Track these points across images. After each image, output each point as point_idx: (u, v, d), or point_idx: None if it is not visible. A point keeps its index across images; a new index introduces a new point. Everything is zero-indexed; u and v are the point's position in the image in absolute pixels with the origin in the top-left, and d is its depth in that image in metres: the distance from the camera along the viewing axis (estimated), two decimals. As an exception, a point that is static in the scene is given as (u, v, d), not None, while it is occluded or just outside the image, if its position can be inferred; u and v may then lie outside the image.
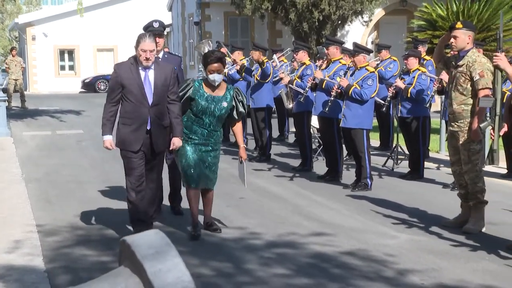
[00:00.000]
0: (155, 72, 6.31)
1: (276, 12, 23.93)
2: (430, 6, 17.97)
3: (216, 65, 6.55)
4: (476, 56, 6.87)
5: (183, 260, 1.86)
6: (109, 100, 6.35)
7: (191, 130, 6.60)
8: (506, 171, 10.10)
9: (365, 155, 9.14)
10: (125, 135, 6.32)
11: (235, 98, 6.70)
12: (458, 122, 6.96)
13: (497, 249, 6.25)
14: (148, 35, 6.32)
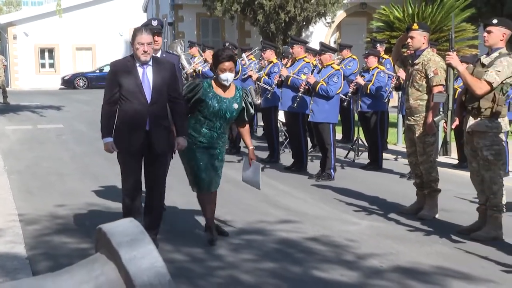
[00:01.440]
0: (154, 69, 5.53)
1: (245, 13, 23.92)
2: (387, 8, 18.09)
3: (228, 64, 5.82)
4: (431, 55, 6.93)
5: (156, 247, 1.84)
6: (107, 100, 5.56)
7: (200, 133, 5.88)
8: (457, 161, 10.23)
9: (331, 147, 9.18)
10: (122, 137, 5.56)
11: (244, 99, 6.01)
12: (414, 116, 7.02)
13: (449, 234, 6.32)
14: (144, 29, 5.64)
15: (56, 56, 38.48)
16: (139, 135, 5.50)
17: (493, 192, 6.15)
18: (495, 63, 6.01)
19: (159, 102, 5.53)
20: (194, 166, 5.90)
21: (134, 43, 5.49)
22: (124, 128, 5.53)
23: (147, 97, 5.47)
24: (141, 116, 5.47)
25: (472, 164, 6.32)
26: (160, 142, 5.57)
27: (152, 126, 5.51)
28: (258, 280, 4.97)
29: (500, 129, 6.11)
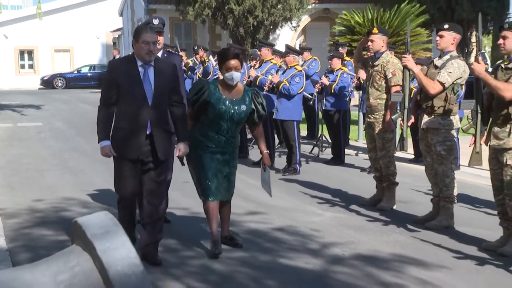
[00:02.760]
0: (155, 70, 4.89)
1: (216, 18, 23.87)
2: (349, 14, 18.19)
3: (234, 62, 5.20)
4: (389, 57, 6.99)
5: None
6: (104, 102, 4.89)
7: (207, 138, 5.25)
8: (413, 156, 10.34)
9: (296, 144, 9.21)
10: (120, 141, 4.86)
11: (254, 100, 5.37)
12: (374, 114, 7.07)
13: (406, 223, 6.39)
14: (149, 27, 5.06)
15: (35, 57, 37.92)
16: (140, 139, 4.84)
17: (445, 185, 6.23)
18: (446, 65, 6.08)
19: (161, 105, 4.90)
20: (201, 171, 5.29)
21: (138, 42, 4.81)
22: (123, 131, 4.86)
23: (149, 99, 4.82)
24: (142, 119, 4.81)
25: (427, 158, 6.40)
26: (162, 147, 4.91)
27: (154, 130, 4.86)
28: (229, 268, 4.97)
29: (452, 126, 6.19)
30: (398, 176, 7.21)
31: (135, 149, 4.84)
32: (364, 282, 4.73)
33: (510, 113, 5.31)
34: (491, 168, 5.60)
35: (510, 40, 5.30)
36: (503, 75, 5.36)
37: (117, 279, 1.68)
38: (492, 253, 5.41)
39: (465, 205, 7.17)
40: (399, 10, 17.80)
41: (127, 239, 1.76)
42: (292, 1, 23.43)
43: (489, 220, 6.40)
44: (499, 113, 5.40)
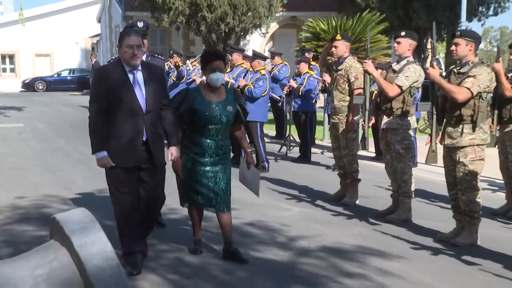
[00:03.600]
0: (144, 74, 4.52)
1: (190, 24, 23.76)
2: (314, 21, 18.29)
3: (218, 63, 4.82)
4: (352, 62, 7.03)
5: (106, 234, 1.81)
6: (96, 111, 4.44)
7: (196, 144, 4.86)
8: (374, 154, 10.43)
9: (259, 143, 9.19)
10: (117, 150, 4.45)
11: (237, 100, 5.00)
12: (338, 115, 7.12)
13: (368, 217, 6.44)
14: (133, 31, 4.67)
15: (17, 61, 37.30)
16: (137, 146, 4.49)
17: (404, 181, 6.29)
18: (404, 70, 6.15)
19: (154, 110, 4.56)
20: (188, 180, 4.90)
21: (122, 47, 4.46)
22: (119, 139, 4.46)
23: (142, 106, 4.47)
24: (138, 126, 4.47)
25: (386, 156, 6.46)
26: (159, 152, 4.62)
27: (150, 135, 4.53)
28: (202, 261, 4.95)
29: (409, 126, 6.25)
30: (361, 173, 7.26)
31: (133, 156, 4.48)
32: (329, 272, 4.76)
33: (462, 114, 5.39)
34: (445, 165, 5.68)
35: (461, 47, 5.38)
36: (455, 79, 5.44)
37: (94, 273, 1.67)
38: (446, 244, 5.49)
39: (422, 199, 7.26)
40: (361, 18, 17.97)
41: (103, 235, 1.75)
42: (261, 9, 23.46)
43: (443, 213, 6.49)
44: (452, 114, 5.47)
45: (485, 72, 5.34)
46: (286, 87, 10.86)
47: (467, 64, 5.41)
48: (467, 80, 5.31)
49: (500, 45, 7.37)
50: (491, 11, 24.72)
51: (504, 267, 4.91)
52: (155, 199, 4.77)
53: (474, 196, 5.45)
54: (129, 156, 4.47)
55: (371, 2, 22.51)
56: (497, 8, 24.61)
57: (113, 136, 4.47)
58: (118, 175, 4.52)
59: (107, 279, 1.65)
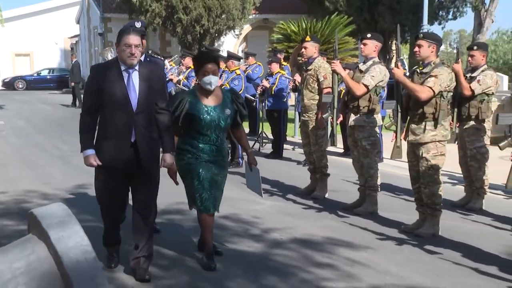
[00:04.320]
0: (140, 74, 4.21)
1: (166, 26, 23.63)
2: (285, 23, 18.31)
3: (211, 66, 4.47)
4: (321, 62, 7.05)
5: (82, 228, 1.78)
6: (87, 109, 4.20)
7: (198, 148, 4.53)
8: (342, 150, 10.49)
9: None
10: (105, 150, 4.18)
11: (235, 101, 4.66)
12: (308, 113, 7.13)
13: (336, 210, 6.47)
14: (131, 29, 4.39)
15: (-3, 61, 36.67)
16: (124, 147, 4.16)
17: (370, 175, 6.34)
18: (370, 70, 6.18)
19: (146, 111, 4.21)
20: (198, 183, 4.52)
21: (120, 45, 4.18)
22: (108, 139, 4.19)
23: (133, 105, 4.15)
24: (126, 126, 4.15)
25: (354, 152, 6.49)
26: (147, 155, 4.21)
27: (139, 137, 4.17)
28: (178, 253, 4.92)
29: (375, 123, 6.30)
30: (329, 168, 7.29)
31: (120, 158, 4.16)
32: (300, 263, 4.77)
33: (425, 112, 5.44)
34: (409, 160, 5.73)
35: (424, 48, 5.44)
36: (418, 79, 5.49)
37: (70, 266, 1.64)
38: (410, 235, 5.54)
39: (387, 193, 7.32)
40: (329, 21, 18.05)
41: (80, 228, 1.71)
42: (234, 11, 23.43)
43: (407, 206, 6.55)
44: (415, 112, 5.52)
45: (445, 72, 5.40)
46: (259, 87, 10.86)
47: (429, 64, 5.46)
48: (429, 79, 5.37)
49: (459, 47, 7.49)
50: (450, 15, 25.10)
51: (463, 255, 4.98)
52: (146, 208, 4.31)
53: (435, 189, 5.51)
54: (116, 156, 4.15)
55: (339, 5, 22.63)
56: (456, 12, 24.99)
57: (102, 135, 4.22)
58: (105, 177, 4.24)
59: (84, 272, 1.62)
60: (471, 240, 5.40)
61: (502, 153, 6.92)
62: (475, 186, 6.68)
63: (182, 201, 6.69)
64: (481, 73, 6.46)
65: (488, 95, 6.48)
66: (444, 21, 25.22)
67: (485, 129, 6.56)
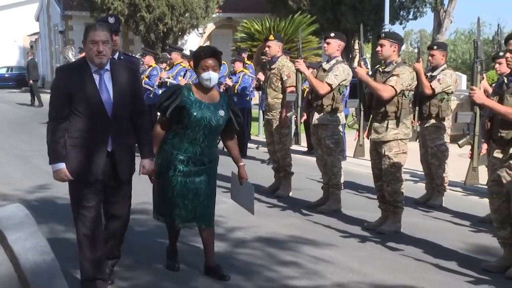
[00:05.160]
0: (113, 75, 3.79)
1: (129, 24, 23.39)
2: (249, 22, 18.32)
3: (211, 61, 4.18)
4: (285, 61, 7.07)
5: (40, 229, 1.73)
6: (54, 116, 3.75)
7: (180, 149, 4.17)
8: (306, 149, 10.55)
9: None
10: (77, 161, 3.75)
11: (231, 108, 4.34)
12: (272, 112, 7.14)
13: (300, 208, 6.50)
14: (98, 24, 3.86)
15: (-46, 58, 35.60)
16: (100, 158, 3.77)
17: (333, 173, 6.39)
18: (333, 69, 6.23)
19: (122, 116, 3.83)
20: (170, 192, 4.20)
21: (86, 43, 3.73)
22: (80, 149, 3.76)
23: (108, 111, 3.75)
24: (101, 134, 3.76)
25: (318, 151, 6.53)
26: (125, 166, 3.91)
27: (115, 146, 3.82)
28: (143, 253, 4.86)
29: (338, 122, 6.35)
30: (294, 166, 7.32)
31: (95, 170, 3.77)
32: (265, 261, 4.77)
33: (387, 111, 5.51)
34: (371, 158, 5.80)
35: (386, 48, 5.51)
36: (381, 78, 5.56)
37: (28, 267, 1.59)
38: (373, 232, 5.61)
39: (350, 191, 7.39)
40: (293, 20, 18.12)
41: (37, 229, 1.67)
42: (198, 10, 23.33)
43: (370, 204, 6.62)
44: (378, 110, 5.59)
45: (407, 71, 5.49)
46: (222, 85, 10.83)
47: (391, 63, 5.54)
48: (391, 78, 5.44)
49: (420, 46, 7.60)
50: (411, 15, 25.53)
51: (424, 251, 5.07)
52: (120, 219, 4.04)
53: (397, 187, 5.59)
54: (91, 168, 3.76)
55: (303, 4, 22.78)
56: (416, 12, 25.44)
57: (74, 146, 3.76)
58: (80, 190, 3.79)
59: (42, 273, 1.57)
60: (431, 236, 5.50)
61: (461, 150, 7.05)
62: (436, 183, 6.80)
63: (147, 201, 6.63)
64: (441, 72, 6.58)
65: (448, 94, 6.61)
66: (405, 21, 25.64)
67: (445, 127, 6.69)
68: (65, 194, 6.75)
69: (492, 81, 7.04)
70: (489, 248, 5.16)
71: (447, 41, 28.23)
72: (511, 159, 4.35)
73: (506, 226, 4.53)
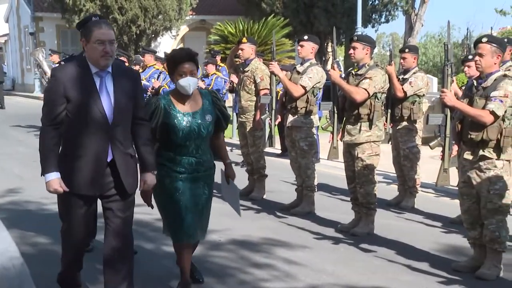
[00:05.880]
0: (114, 78, 3.48)
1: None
2: (222, 25, 18.34)
3: (188, 66, 3.78)
4: (258, 64, 7.08)
5: (10, 234, 1.69)
6: (49, 121, 3.39)
7: (175, 162, 3.86)
8: (280, 151, 10.56)
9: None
10: (72, 172, 3.41)
11: (216, 104, 3.99)
12: (246, 114, 7.14)
13: (274, 210, 6.50)
14: (103, 22, 3.49)
15: None
16: (99, 169, 3.44)
17: (307, 176, 6.41)
18: (307, 71, 6.26)
19: (124, 124, 3.51)
20: (172, 207, 3.87)
21: (90, 42, 3.40)
22: (76, 159, 3.42)
23: (108, 117, 3.42)
24: (101, 143, 3.43)
25: (291, 153, 6.55)
26: (129, 177, 3.54)
27: (116, 156, 3.48)
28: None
29: (312, 124, 6.38)
30: (267, 169, 7.32)
31: (93, 182, 3.43)
32: (238, 264, 4.76)
33: (360, 113, 5.56)
34: (345, 160, 5.84)
35: (359, 51, 5.56)
36: (354, 80, 5.60)
37: (-3, 274, 1.56)
38: (346, 234, 5.64)
39: (324, 193, 7.43)
40: (266, 23, 18.20)
41: (8, 234, 1.64)
42: (171, 12, 23.23)
43: (343, 206, 6.66)
44: (351, 113, 5.63)
45: (379, 74, 5.54)
46: (195, 88, 10.83)
47: (363, 66, 5.59)
48: (364, 81, 5.49)
49: (392, 49, 7.67)
50: (383, 18, 25.85)
51: (396, 253, 5.12)
52: (124, 238, 3.59)
53: (370, 189, 5.64)
54: (89, 180, 3.42)
55: (276, 7, 22.86)
56: (388, 16, 25.76)
57: (69, 154, 3.43)
58: (74, 204, 3.47)
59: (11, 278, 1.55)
60: (404, 237, 5.56)
61: (432, 152, 7.16)
62: (408, 185, 6.87)
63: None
64: (413, 75, 6.66)
65: (419, 97, 6.69)
66: (377, 24, 25.94)
67: (417, 129, 6.77)
68: (37, 198, 6.69)
69: (462, 84, 7.15)
70: (459, 248, 5.24)
71: (418, 44, 28.61)
72: (480, 160, 4.43)
73: (476, 227, 4.60)
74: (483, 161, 4.42)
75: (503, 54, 4.50)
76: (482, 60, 4.38)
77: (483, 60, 4.37)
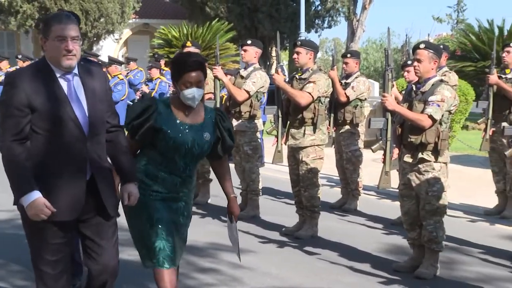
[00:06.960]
0: (83, 81, 2.93)
1: (39, 28, 22.53)
2: (166, 28, 18.21)
3: (195, 75, 3.22)
4: (202, 68, 7.05)
5: None
6: (13, 136, 2.79)
7: (156, 180, 3.29)
8: (225, 155, 10.56)
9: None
10: (49, 196, 2.80)
11: (219, 125, 3.40)
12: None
13: (219, 215, 6.48)
14: (65, 15, 2.90)
15: None
16: (77, 189, 2.88)
17: (252, 180, 6.44)
18: (251, 76, 6.29)
19: (100, 134, 2.98)
20: (149, 230, 3.26)
21: (49, 38, 2.84)
22: (47, 180, 2.83)
23: (83, 126, 2.88)
24: (77, 158, 2.88)
25: (236, 157, 6.56)
26: (111, 198, 3.03)
27: (95, 172, 2.95)
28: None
29: (256, 128, 6.41)
30: (212, 173, 7.27)
31: (70, 206, 2.87)
32: (184, 269, 4.71)
33: (304, 117, 5.63)
34: (289, 164, 5.90)
35: (302, 55, 5.63)
36: (298, 85, 5.67)
37: None
38: (290, 237, 5.70)
39: (269, 196, 7.47)
40: (210, 27, 18.20)
41: None
42: (113, 15, 22.87)
43: (288, 209, 6.72)
44: (295, 117, 5.70)
45: (323, 78, 5.63)
46: (138, 92, 10.69)
47: (307, 70, 5.66)
48: (308, 85, 5.56)
49: (334, 54, 7.81)
50: (326, 23, 26.34)
51: (339, 255, 5.21)
52: (108, 269, 3.04)
53: (314, 192, 5.71)
54: (64, 204, 2.84)
55: (220, 11, 22.88)
56: (330, 21, 26.27)
57: (41, 176, 2.82)
58: (45, 236, 2.87)
59: None
60: (347, 239, 5.66)
61: (374, 155, 7.33)
62: (351, 187, 7.01)
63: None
64: (355, 80, 6.81)
65: (361, 101, 6.84)
66: (320, 29, 26.40)
67: (359, 133, 6.92)
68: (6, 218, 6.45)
69: (402, 88, 7.35)
70: (400, 249, 5.39)
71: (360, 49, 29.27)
72: (420, 163, 4.57)
73: (415, 228, 4.74)
74: (422, 164, 4.56)
75: (439, 59, 4.67)
76: (420, 65, 4.52)
77: (421, 66, 4.52)
